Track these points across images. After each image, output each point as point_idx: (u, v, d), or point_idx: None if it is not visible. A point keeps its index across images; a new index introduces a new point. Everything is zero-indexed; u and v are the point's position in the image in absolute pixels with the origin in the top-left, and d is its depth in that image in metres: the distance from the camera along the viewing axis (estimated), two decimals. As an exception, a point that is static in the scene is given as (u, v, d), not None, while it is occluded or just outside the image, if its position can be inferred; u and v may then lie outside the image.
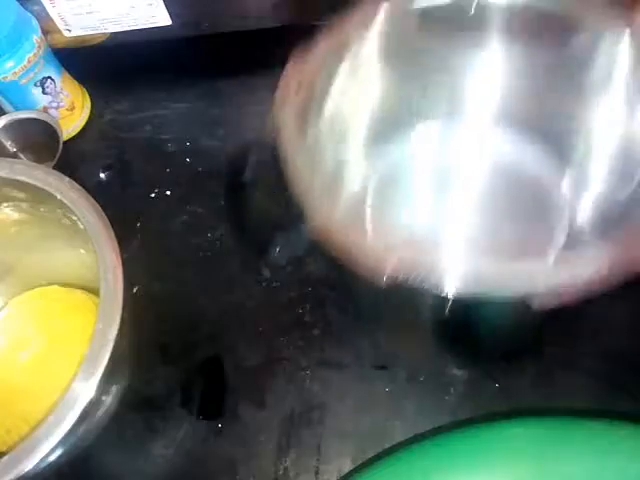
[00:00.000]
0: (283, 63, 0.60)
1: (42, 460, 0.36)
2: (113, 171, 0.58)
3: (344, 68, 0.45)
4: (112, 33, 0.58)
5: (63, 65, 0.58)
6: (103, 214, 0.42)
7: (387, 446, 0.45)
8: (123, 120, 0.60)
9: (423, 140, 0.54)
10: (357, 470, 0.44)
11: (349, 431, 0.46)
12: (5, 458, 0.36)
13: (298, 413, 0.47)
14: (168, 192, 0.57)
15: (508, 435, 0.39)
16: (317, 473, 0.45)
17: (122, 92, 0.61)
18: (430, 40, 0.48)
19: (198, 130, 0.59)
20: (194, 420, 0.48)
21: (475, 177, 0.53)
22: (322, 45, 0.43)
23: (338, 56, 0.43)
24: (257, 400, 0.48)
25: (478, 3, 0.46)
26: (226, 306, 0.51)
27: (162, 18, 0.56)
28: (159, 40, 0.58)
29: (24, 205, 0.46)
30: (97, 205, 0.42)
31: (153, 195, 0.56)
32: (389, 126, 0.52)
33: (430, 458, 0.39)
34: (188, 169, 0.58)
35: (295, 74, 0.42)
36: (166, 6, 0.55)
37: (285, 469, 0.46)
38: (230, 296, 0.51)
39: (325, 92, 0.43)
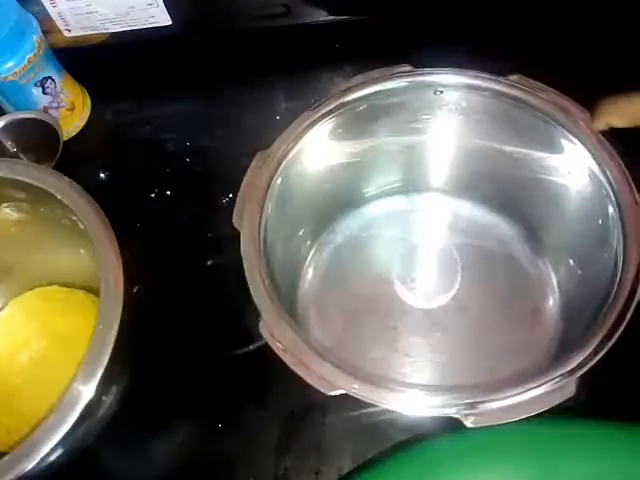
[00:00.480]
0: (283, 63, 0.60)
1: (43, 460, 0.36)
2: (113, 171, 0.58)
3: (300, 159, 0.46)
4: (112, 33, 0.58)
5: (63, 65, 0.58)
6: (103, 214, 0.42)
7: (387, 446, 0.45)
8: (123, 120, 0.60)
9: (378, 214, 0.55)
10: (357, 470, 0.44)
11: (349, 431, 0.46)
12: (6, 458, 0.36)
13: (298, 413, 0.47)
14: (168, 192, 0.56)
15: (509, 435, 0.39)
16: (317, 473, 0.45)
17: (122, 92, 0.61)
18: (382, 122, 0.49)
19: (198, 130, 0.59)
20: (194, 420, 0.48)
21: (434, 250, 0.53)
22: (278, 144, 0.45)
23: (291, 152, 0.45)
24: (257, 400, 0.48)
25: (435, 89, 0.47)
26: (226, 305, 0.51)
27: (162, 18, 0.56)
28: (159, 40, 0.58)
29: (24, 205, 0.46)
30: (97, 205, 0.42)
31: (153, 195, 0.56)
32: (343, 203, 0.54)
33: (430, 458, 0.39)
34: (188, 169, 0.58)
35: (256, 170, 0.44)
36: (166, 6, 0.55)
37: (285, 469, 0.46)
38: (230, 296, 0.51)
39: (280, 181, 0.45)
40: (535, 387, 0.37)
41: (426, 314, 0.50)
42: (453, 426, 0.38)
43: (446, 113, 0.48)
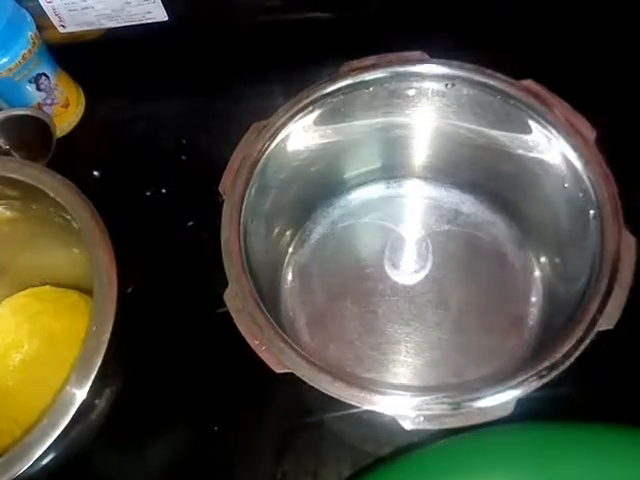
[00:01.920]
0: (281, 59, 0.60)
1: (35, 463, 0.36)
2: (107, 169, 0.58)
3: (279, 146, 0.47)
4: (107, 29, 0.58)
5: (58, 61, 0.57)
6: (97, 213, 0.42)
7: (386, 450, 0.45)
8: (118, 117, 0.60)
9: (360, 202, 0.55)
10: (356, 474, 0.44)
11: (348, 435, 0.46)
12: (-2, 461, 0.36)
13: (296, 416, 0.47)
14: (164, 190, 0.56)
15: (507, 438, 0.39)
16: (316, 477, 0.45)
17: (117, 89, 0.61)
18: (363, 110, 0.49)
19: (194, 127, 0.59)
20: (190, 423, 0.48)
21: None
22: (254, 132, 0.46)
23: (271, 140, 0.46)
24: (255, 403, 0.48)
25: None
26: (223, 306, 0.50)
27: (158, 14, 0.56)
28: (155, 36, 0.57)
29: (17, 203, 0.46)
30: (91, 204, 0.42)
31: (148, 193, 0.56)
32: (325, 192, 0.54)
33: (429, 462, 0.39)
34: (184, 167, 0.57)
35: (240, 153, 0.45)
36: (162, 2, 0.55)
37: (283, 473, 0.45)
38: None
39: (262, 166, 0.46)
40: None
41: (406, 302, 0.50)
42: (452, 431, 0.38)
43: (431, 102, 0.48)
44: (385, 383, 0.44)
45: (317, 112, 0.47)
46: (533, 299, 0.50)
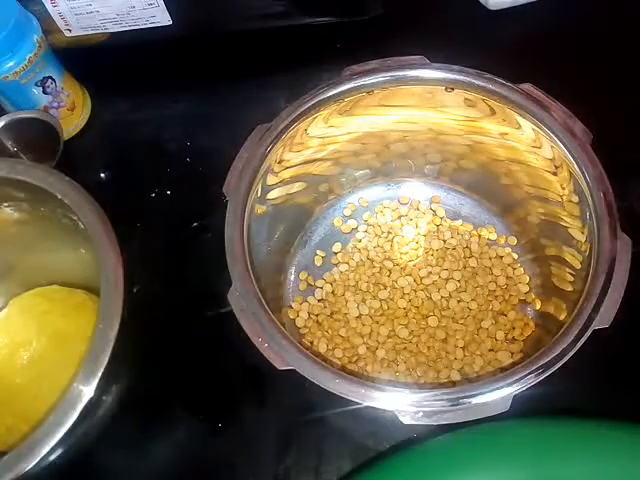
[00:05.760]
0: (283, 63, 0.60)
1: (42, 459, 0.36)
2: (113, 171, 0.58)
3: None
4: (112, 33, 0.58)
5: (64, 65, 0.57)
6: (103, 214, 0.42)
7: (387, 446, 0.45)
8: (123, 120, 0.60)
9: (361, 205, 0.56)
10: (357, 469, 0.44)
11: (349, 431, 0.46)
12: (6, 457, 0.36)
13: (298, 413, 0.47)
14: (168, 191, 0.56)
15: (508, 435, 0.39)
16: (317, 473, 0.45)
17: (122, 92, 0.61)
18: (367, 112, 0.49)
19: (198, 130, 0.59)
20: (194, 420, 0.48)
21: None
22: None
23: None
24: (258, 400, 0.48)
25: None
26: (227, 305, 0.51)
27: (162, 18, 0.56)
28: (159, 40, 0.57)
29: (24, 205, 0.46)
30: (97, 205, 0.42)
31: (153, 195, 0.56)
32: (324, 193, 0.55)
33: (429, 458, 0.39)
34: (188, 169, 0.58)
35: (244, 154, 0.46)
36: (166, 6, 0.55)
37: (285, 469, 0.46)
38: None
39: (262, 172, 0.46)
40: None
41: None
42: (451, 426, 0.38)
43: (431, 105, 0.49)
44: (385, 380, 0.44)
45: (319, 115, 0.47)
46: (531, 298, 0.50)
